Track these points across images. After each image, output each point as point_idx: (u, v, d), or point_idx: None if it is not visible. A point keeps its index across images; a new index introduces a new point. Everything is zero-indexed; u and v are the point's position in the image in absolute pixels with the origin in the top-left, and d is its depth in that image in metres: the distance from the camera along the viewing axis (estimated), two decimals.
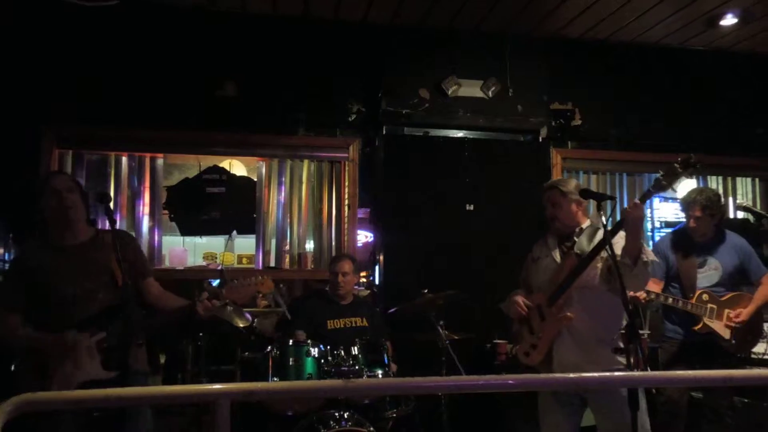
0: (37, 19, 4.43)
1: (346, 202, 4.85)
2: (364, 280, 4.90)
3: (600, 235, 2.95)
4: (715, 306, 3.64)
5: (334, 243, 4.85)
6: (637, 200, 2.79)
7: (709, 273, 3.73)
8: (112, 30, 4.51)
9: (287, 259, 4.83)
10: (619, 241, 2.81)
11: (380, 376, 3.45)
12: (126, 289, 2.54)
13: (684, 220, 3.89)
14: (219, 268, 4.52)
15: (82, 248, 2.71)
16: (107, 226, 2.65)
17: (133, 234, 4.45)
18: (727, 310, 3.63)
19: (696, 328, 3.63)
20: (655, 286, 3.69)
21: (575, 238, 3.00)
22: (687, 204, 3.75)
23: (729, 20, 4.74)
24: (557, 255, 3.03)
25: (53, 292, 2.61)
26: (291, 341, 3.50)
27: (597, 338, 2.86)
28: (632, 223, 2.75)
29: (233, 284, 2.76)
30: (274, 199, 4.87)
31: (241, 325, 3.81)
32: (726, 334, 3.60)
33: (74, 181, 2.81)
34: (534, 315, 3.01)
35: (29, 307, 2.63)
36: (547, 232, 3.17)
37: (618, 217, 2.98)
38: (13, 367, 2.61)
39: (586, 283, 2.88)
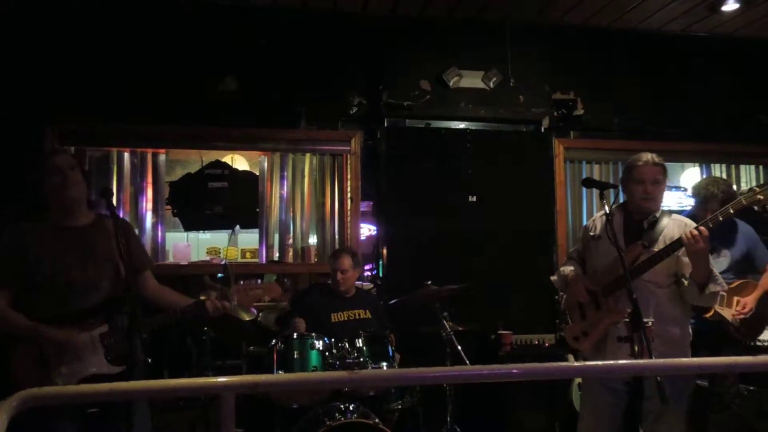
0: (37, 15, 4.43)
1: (349, 195, 4.84)
2: (368, 273, 4.90)
3: (666, 224, 2.85)
4: (725, 293, 3.62)
5: (337, 236, 4.85)
6: (699, 227, 2.60)
7: (719, 260, 3.70)
8: (112, 26, 4.50)
9: (290, 253, 4.83)
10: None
11: (385, 368, 3.46)
12: (130, 282, 2.45)
13: (688, 208, 3.87)
14: (222, 262, 4.52)
15: (84, 232, 2.59)
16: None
17: (137, 230, 4.46)
18: (736, 298, 3.62)
19: (707, 315, 3.61)
20: None
21: (645, 225, 2.85)
22: (705, 198, 3.68)
23: (731, 5, 4.71)
24: (621, 240, 2.79)
25: (53, 277, 2.49)
26: (295, 334, 3.50)
27: (657, 337, 2.67)
28: (693, 255, 2.61)
29: (240, 286, 2.73)
30: (277, 194, 4.86)
31: (247, 319, 3.82)
32: (735, 321, 3.59)
33: (77, 160, 2.69)
34: (589, 301, 2.88)
35: (24, 292, 2.50)
36: (615, 208, 2.84)
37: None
38: (12, 361, 2.46)
39: (652, 279, 2.76)
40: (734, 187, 5.41)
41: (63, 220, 2.60)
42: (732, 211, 2.72)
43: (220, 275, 4.21)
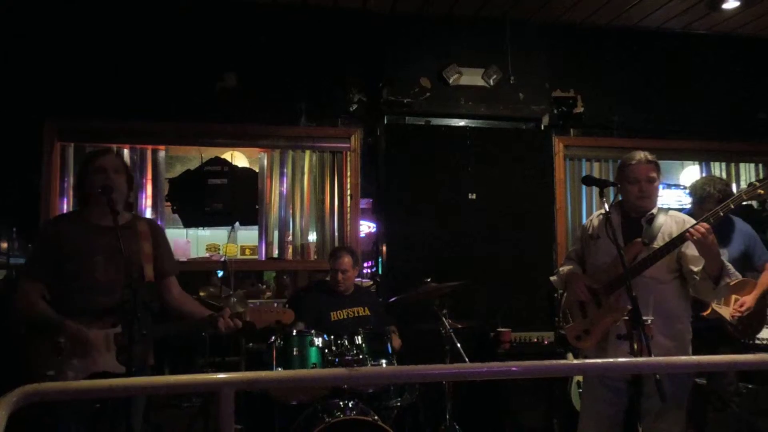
0: (36, 12, 4.42)
1: (348, 192, 4.84)
2: (368, 270, 4.90)
3: (664, 220, 2.84)
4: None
5: (336, 234, 4.85)
6: (703, 223, 2.61)
7: None
8: (112, 22, 4.50)
9: (290, 250, 4.83)
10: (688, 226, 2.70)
11: (384, 365, 3.46)
12: (136, 286, 2.50)
13: (688, 206, 3.86)
14: (222, 259, 4.52)
15: (115, 232, 2.60)
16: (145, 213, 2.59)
17: None
18: (734, 296, 3.61)
19: (705, 314, 3.61)
20: None
21: (643, 223, 2.85)
22: (701, 198, 3.68)
23: (731, 3, 4.71)
24: (620, 238, 2.76)
25: (79, 273, 2.56)
26: (294, 331, 3.50)
27: (660, 333, 2.67)
28: (702, 249, 2.63)
29: (257, 307, 2.76)
30: (276, 190, 4.86)
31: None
32: (733, 319, 3.59)
33: (123, 163, 2.75)
34: (590, 299, 2.89)
35: (52, 283, 2.58)
36: (611, 207, 2.81)
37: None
38: (28, 348, 2.53)
39: (653, 275, 2.76)
40: (732, 185, 5.45)
41: (98, 218, 2.65)
42: (733, 206, 2.71)
43: (220, 273, 4.22)
